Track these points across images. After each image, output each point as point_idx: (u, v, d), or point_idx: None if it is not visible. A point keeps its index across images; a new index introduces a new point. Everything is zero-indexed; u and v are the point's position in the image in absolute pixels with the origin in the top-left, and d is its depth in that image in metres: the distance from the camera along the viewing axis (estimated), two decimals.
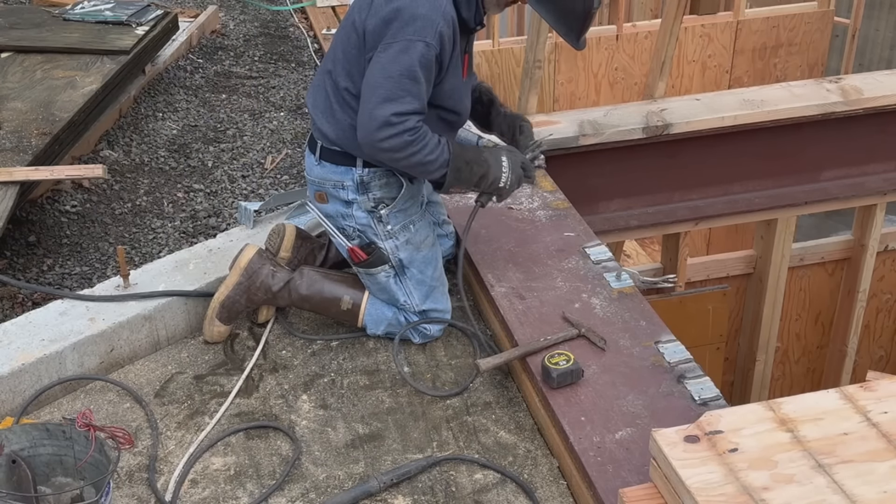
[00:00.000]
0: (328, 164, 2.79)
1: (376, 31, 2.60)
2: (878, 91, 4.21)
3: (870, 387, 2.06)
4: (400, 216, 2.83)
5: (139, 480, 2.44)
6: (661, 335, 2.71)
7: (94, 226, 3.77)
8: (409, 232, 2.85)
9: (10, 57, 4.45)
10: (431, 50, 2.56)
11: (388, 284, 2.87)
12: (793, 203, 4.39)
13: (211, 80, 5.10)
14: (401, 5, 2.56)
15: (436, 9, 2.56)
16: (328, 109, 2.76)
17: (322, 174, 2.82)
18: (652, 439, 1.97)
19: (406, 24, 2.55)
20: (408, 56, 2.54)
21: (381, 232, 2.82)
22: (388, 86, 2.55)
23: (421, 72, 2.56)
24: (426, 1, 2.56)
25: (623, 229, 4.21)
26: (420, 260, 2.87)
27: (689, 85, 7.17)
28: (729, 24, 7.07)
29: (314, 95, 2.84)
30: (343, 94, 2.71)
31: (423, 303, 2.88)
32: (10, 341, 2.73)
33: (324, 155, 2.79)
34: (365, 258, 2.83)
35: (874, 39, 9.45)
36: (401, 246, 2.84)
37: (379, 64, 2.57)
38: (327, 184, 2.81)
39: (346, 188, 2.79)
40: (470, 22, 2.70)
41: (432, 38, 2.56)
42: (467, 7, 2.67)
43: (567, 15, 2.72)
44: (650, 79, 4.27)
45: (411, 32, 2.54)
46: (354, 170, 2.77)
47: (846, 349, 5.15)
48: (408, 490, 2.39)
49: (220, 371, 2.84)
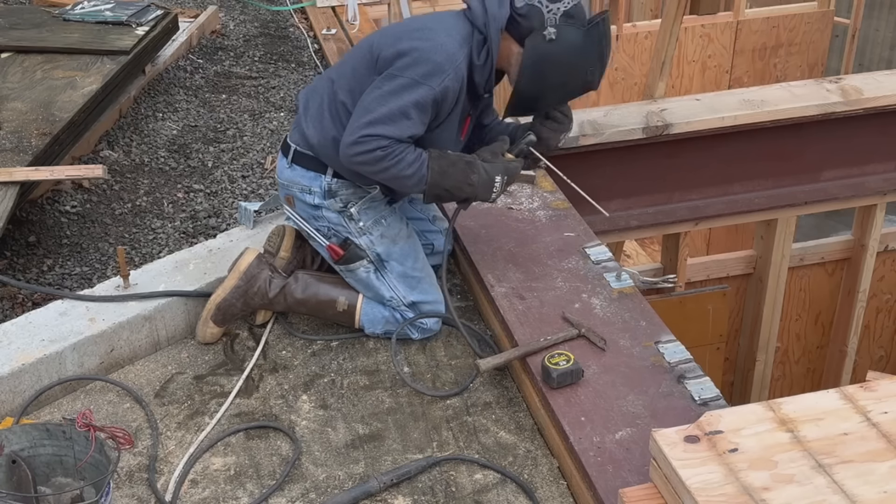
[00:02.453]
0: (298, 168, 2.83)
1: (388, 60, 2.64)
2: (878, 91, 4.21)
3: (870, 387, 2.06)
4: (370, 212, 2.85)
5: (139, 481, 2.44)
6: (661, 335, 2.71)
7: (94, 226, 3.76)
8: (381, 226, 2.87)
9: (10, 57, 4.45)
10: (432, 96, 2.60)
11: (369, 280, 2.88)
12: (793, 203, 4.39)
13: (211, 80, 5.10)
14: (420, 46, 2.61)
15: (450, 61, 2.61)
16: (318, 115, 2.78)
17: (291, 177, 2.85)
18: (652, 439, 1.97)
19: (418, 63, 2.59)
20: (408, 94, 2.58)
21: (354, 229, 2.84)
22: (380, 112, 2.58)
23: (414, 112, 2.59)
24: (444, 51, 2.60)
25: (623, 229, 4.21)
26: (398, 252, 2.88)
27: (689, 85, 7.17)
28: (729, 24, 7.07)
29: (308, 97, 2.86)
30: (338, 107, 2.74)
31: (409, 294, 2.88)
32: (10, 342, 2.73)
33: (296, 159, 2.83)
34: (342, 253, 2.85)
35: (874, 39, 9.45)
36: (376, 240, 2.85)
37: (379, 91, 2.61)
38: (295, 187, 2.85)
39: (313, 193, 2.82)
40: (480, 87, 2.74)
41: (437, 86, 2.60)
42: (481, 72, 2.71)
43: (567, 92, 2.81)
44: (650, 79, 4.27)
45: (419, 74, 2.58)
46: (323, 177, 2.81)
47: (846, 349, 5.15)
48: (408, 490, 2.39)
49: (220, 371, 2.85)
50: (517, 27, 2.68)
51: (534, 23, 2.65)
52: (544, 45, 2.66)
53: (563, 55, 2.67)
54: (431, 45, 2.61)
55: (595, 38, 2.69)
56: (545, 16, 2.65)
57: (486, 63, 2.70)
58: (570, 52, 2.67)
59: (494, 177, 2.74)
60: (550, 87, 2.75)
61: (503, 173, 2.76)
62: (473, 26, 2.68)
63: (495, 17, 2.67)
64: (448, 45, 2.62)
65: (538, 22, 2.65)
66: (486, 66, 2.70)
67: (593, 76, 2.75)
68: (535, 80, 2.71)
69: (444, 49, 2.61)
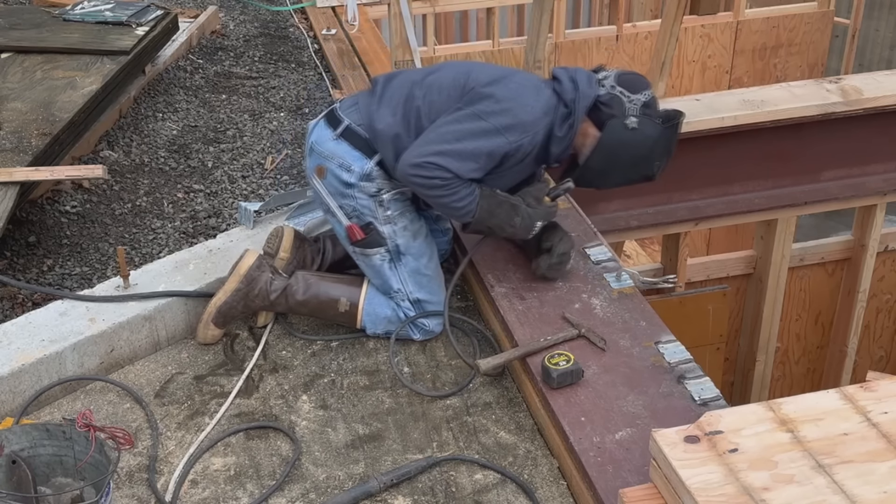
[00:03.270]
0: (345, 144, 2.84)
1: (479, 95, 2.73)
2: (878, 91, 4.21)
3: (870, 387, 2.06)
4: (399, 204, 2.87)
5: (139, 481, 2.44)
6: (661, 335, 2.71)
7: (94, 226, 3.76)
8: (406, 219, 2.88)
9: (10, 57, 4.45)
10: (505, 149, 2.71)
11: (382, 268, 2.89)
12: (793, 203, 4.39)
13: (211, 80, 5.10)
14: (512, 98, 2.72)
15: (533, 125, 2.73)
16: (393, 107, 2.82)
17: (334, 150, 2.84)
18: (652, 439, 1.97)
19: (505, 113, 2.70)
20: (485, 140, 2.68)
21: (381, 216, 2.85)
22: (454, 147, 2.67)
23: (484, 158, 2.70)
24: (532, 113, 2.73)
25: (623, 229, 4.21)
26: (416, 248, 2.89)
27: (689, 85, 7.18)
28: (729, 25, 7.08)
29: (387, 85, 2.87)
30: (412, 110, 2.80)
31: (417, 291, 2.90)
32: (9, 342, 2.73)
33: (346, 134, 2.84)
34: (363, 237, 2.86)
35: (874, 39, 9.45)
36: (398, 231, 2.86)
37: (459, 125, 2.70)
38: (333, 160, 2.84)
39: (351, 171, 2.82)
40: (552, 157, 2.85)
41: (514, 143, 2.71)
42: (559, 143, 2.81)
43: (629, 178, 2.93)
44: (650, 79, 4.27)
45: (502, 124, 2.69)
46: (368, 161, 2.82)
47: (846, 349, 5.15)
48: (408, 490, 2.39)
49: (220, 371, 2.85)
50: (597, 112, 2.81)
51: (615, 110, 2.79)
52: (625, 132, 2.78)
53: (640, 144, 2.80)
54: (522, 103, 2.73)
55: (670, 134, 2.84)
56: (626, 105, 2.78)
57: (566, 136, 2.81)
58: (646, 142, 2.80)
59: (536, 222, 2.84)
60: (618, 170, 2.87)
61: (544, 218, 2.86)
62: (560, 100, 2.80)
63: (585, 95, 2.79)
64: (536, 109, 2.74)
65: (619, 110, 2.78)
66: (565, 139, 2.81)
67: (658, 169, 2.88)
68: (607, 162, 2.84)
69: (532, 111, 2.73)
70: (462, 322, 3.00)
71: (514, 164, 2.78)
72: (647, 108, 2.80)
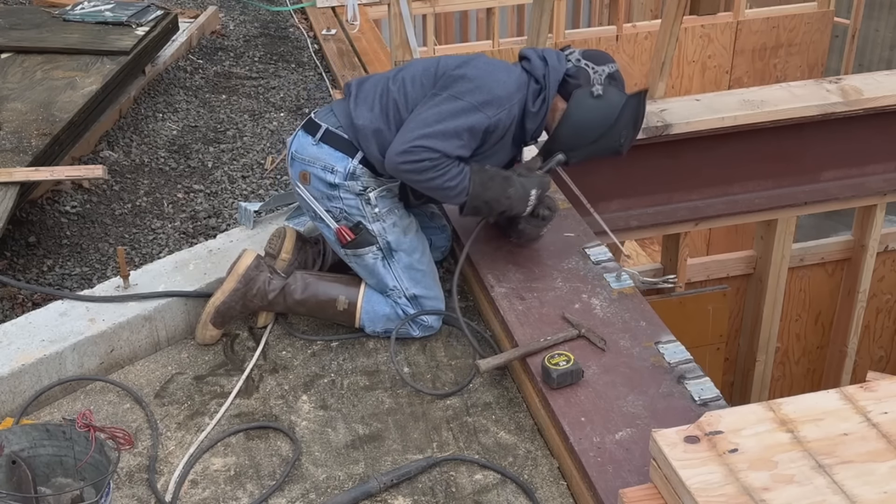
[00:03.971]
0: (326, 147, 2.86)
1: (452, 78, 2.79)
2: (878, 91, 4.21)
3: (870, 387, 2.06)
4: (386, 201, 2.88)
5: (139, 481, 2.44)
6: (661, 335, 2.71)
7: (94, 226, 3.77)
8: (394, 215, 2.90)
9: (10, 57, 4.45)
10: (485, 124, 2.75)
11: (375, 267, 2.90)
12: (793, 203, 4.39)
13: (211, 80, 5.10)
14: (484, 76, 2.78)
15: (508, 98, 2.78)
16: (370, 104, 2.85)
17: (316, 154, 2.87)
18: (652, 440, 1.97)
19: (479, 91, 2.75)
20: (464, 117, 2.73)
21: (369, 214, 2.86)
22: (436, 128, 2.71)
23: (466, 135, 2.74)
24: (504, 88, 2.78)
25: (623, 230, 4.21)
26: (407, 244, 2.91)
27: (689, 85, 7.18)
28: (729, 25, 7.08)
29: (360, 86, 2.92)
30: (390, 104, 2.84)
31: (412, 287, 2.90)
32: (9, 342, 2.73)
33: (326, 137, 2.86)
34: (353, 238, 2.87)
35: (874, 40, 9.46)
36: (388, 228, 2.88)
37: (437, 108, 2.74)
38: (316, 165, 2.87)
39: (335, 172, 2.84)
40: (528, 133, 2.91)
41: (492, 117, 2.76)
42: (534, 119, 2.88)
43: (597, 149, 2.95)
44: (650, 79, 4.27)
45: (479, 101, 2.74)
46: (350, 160, 2.84)
47: (846, 349, 5.15)
48: (408, 490, 2.39)
49: (220, 372, 2.85)
50: (566, 85, 2.88)
51: (581, 81, 2.87)
52: (590, 100, 2.85)
53: (605, 112, 2.86)
54: (494, 79, 2.79)
55: (635, 104, 2.90)
56: (592, 76, 2.86)
57: (540, 111, 2.87)
58: (612, 109, 2.86)
59: (530, 190, 2.87)
60: (585, 139, 2.91)
61: (538, 187, 2.89)
62: (530, 76, 2.87)
63: (555, 69, 2.87)
64: (508, 83, 2.80)
65: (585, 80, 2.86)
66: (539, 113, 2.87)
67: (625, 140, 2.93)
68: (573, 131, 2.89)
69: (505, 86, 2.79)
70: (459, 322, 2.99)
71: (495, 142, 2.83)
72: (612, 78, 2.88)
